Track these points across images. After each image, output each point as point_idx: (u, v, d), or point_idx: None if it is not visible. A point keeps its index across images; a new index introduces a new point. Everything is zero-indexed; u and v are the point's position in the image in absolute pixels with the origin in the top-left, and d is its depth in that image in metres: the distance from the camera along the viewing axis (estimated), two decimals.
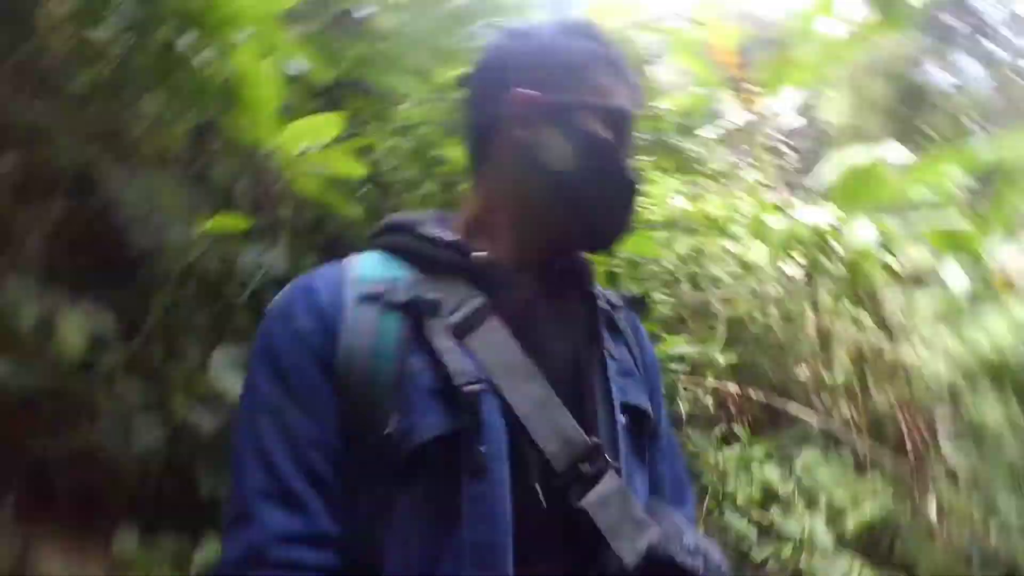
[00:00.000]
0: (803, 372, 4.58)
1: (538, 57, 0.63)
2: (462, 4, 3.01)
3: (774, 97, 4.52)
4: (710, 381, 3.38)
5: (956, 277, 3.39)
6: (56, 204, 1.30)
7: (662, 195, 3.68)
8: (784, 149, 5.20)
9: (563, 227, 0.64)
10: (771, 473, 3.25)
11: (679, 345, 3.06)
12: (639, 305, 0.75)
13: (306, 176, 1.07)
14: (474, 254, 0.60)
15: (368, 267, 0.60)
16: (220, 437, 1.29)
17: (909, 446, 3.96)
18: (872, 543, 3.54)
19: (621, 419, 0.61)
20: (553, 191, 0.61)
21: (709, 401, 3.42)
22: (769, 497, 3.28)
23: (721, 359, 3.30)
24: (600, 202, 0.62)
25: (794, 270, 4.71)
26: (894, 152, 3.69)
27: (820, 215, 3.02)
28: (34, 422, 1.24)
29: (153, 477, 1.35)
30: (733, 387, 3.57)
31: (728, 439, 3.48)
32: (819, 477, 3.54)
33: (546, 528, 0.54)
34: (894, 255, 3.95)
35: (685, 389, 3.33)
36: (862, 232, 2.88)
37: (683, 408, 3.21)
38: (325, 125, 0.95)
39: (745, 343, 4.61)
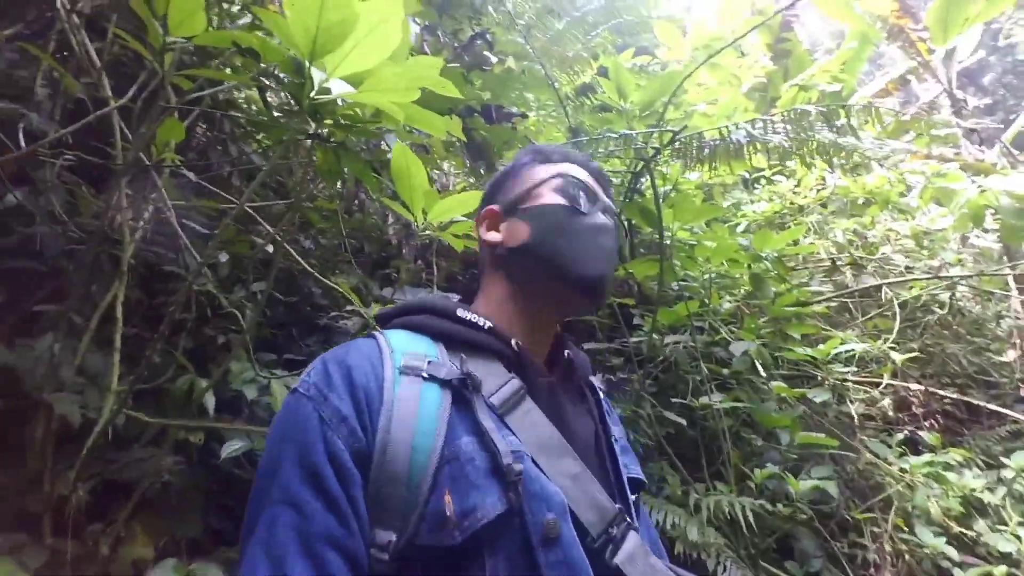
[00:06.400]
0: (1008, 357, 3.88)
1: (495, 178, 0.81)
2: (586, 11, 2.98)
3: (951, 40, 3.81)
4: (886, 380, 2.97)
5: None
6: None
7: (807, 178, 3.32)
8: (966, 99, 4.39)
9: (559, 288, 0.71)
10: (973, 481, 2.80)
11: (847, 343, 2.74)
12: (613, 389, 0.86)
13: (454, 237, 1.32)
14: (513, 340, 0.66)
15: (403, 342, 0.63)
16: None
17: None
18: None
19: (628, 488, 0.71)
20: (537, 259, 0.70)
21: (887, 403, 3.01)
22: (971, 509, 2.84)
23: (897, 357, 2.88)
24: (578, 251, 0.70)
25: (985, 241, 3.99)
26: None
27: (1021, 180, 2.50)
28: None
29: None
30: (915, 385, 3.11)
31: (914, 444, 3.06)
32: None
33: None
34: None
35: (856, 389, 2.98)
36: None
37: (854, 411, 2.88)
38: (467, 201, 1.13)
39: (927, 331, 4.01)
